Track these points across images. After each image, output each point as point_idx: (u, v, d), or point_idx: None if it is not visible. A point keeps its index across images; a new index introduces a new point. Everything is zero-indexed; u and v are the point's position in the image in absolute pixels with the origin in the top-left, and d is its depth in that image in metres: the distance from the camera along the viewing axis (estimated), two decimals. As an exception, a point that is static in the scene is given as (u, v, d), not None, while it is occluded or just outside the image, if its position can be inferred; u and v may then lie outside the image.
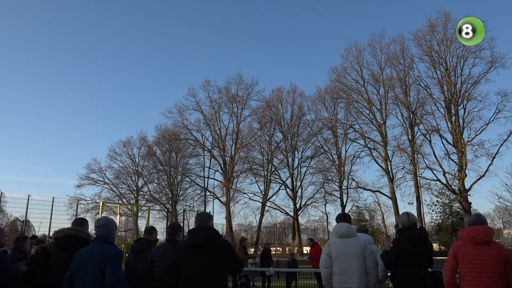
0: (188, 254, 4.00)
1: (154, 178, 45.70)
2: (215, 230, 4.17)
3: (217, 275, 3.88)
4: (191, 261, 3.94)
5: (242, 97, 44.54)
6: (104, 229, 4.12)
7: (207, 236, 3.99)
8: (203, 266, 3.87)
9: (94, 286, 3.79)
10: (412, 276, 4.66)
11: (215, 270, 3.87)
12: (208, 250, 3.92)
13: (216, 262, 3.89)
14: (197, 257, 3.91)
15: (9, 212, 30.23)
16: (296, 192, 42.10)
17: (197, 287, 3.83)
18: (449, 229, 35.48)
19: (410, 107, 36.05)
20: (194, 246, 3.97)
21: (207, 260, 3.88)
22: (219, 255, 3.93)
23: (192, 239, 4.03)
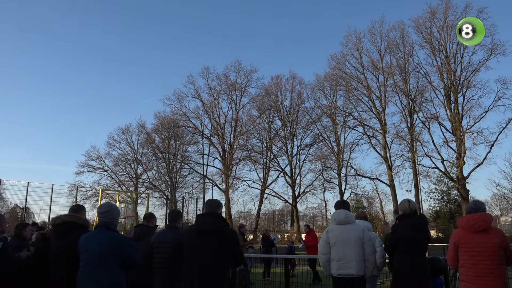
0: (194, 240, 4.00)
1: (153, 165, 45.82)
2: (223, 218, 4.16)
3: (221, 262, 3.89)
4: (196, 247, 3.94)
5: (241, 84, 44.44)
6: (107, 215, 4.08)
7: (215, 224, 3.99)
8: (208, 252, 3.88)
9: (98, 273, 3.79)
10: (411, 262, 4.70)
11: (219, 258, 3.88)
12: (214, 237, 3.93)
13: (221, 250, 3.90)
14: (203, 243, 3.92)
15: (8, 199, 30.36)
16: (295, 180, 42.24)
17: (200, 273, 3.84)
18: (447, 216, 35.68)
19: (409, 94, 35.97)
20: (201, 232, 3.97)
21: (212, 247, 3.89)
22: (225, 243, 3.94)
23: (199, 225, 4.03)
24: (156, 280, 4.58)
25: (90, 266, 3.84)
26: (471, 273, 3.96)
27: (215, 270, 3.85)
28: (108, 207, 4.17)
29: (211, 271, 3.83)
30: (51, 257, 4.56)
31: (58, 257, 4.42)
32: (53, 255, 4.52)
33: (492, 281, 3.84)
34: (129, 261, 3.91)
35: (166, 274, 4.53)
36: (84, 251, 3.93)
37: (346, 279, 5.00)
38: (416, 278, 4.64)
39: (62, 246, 4.41)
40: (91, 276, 3.81)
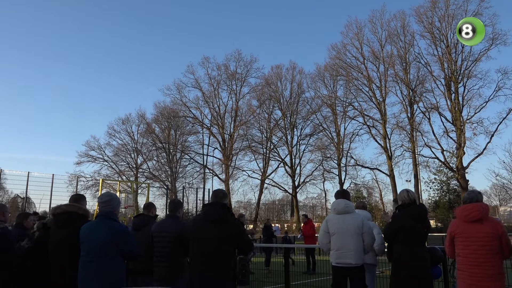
0: (200, 229, 4.03)
1: (153, 155, 45.87)
2: (229, 208, 4.18)
3: (225, 252, 3.91)
4: (201, 236, 3.97)
5: (241, 74, 44.24)
6: (108, 205, 4.09)
7: (221, 213, 4.01)
8: (213, 242, 3.90)
9: (100, 262, 3.81)
10: (411, 252, 4.73)
11: (224, 247, 3.91)
12: (219, 227, 3.96)
13: (226, 240, 3.93)
14: (209, 232, 3.94)
15: (9, 189, 30.44)
16: (294, 170, 42.30)
17: (205, 262, 3.87)
18: (446, 206, 35.80)
19: (409, 84, 35.86)
20: (207, 222, 4.00)
21: (218, 237, 3.91)
22: (230, 233, 3.96)
23: (206, 214, 4.05)
24: (157, 269, 4.61)
25: (91, 256, 3.86)
26: (466, 262, 4.00)
27: (220, 259, 3.87)
28: (109, 197, 4.18)
29: (216, 261, 3.86)
30: (51, 246, 4.58)
31: (58, 247, 4.45)
32: (53, 245, 4.55)
33: (487, 270, 3.88)
34: (129, 251, 3.93)
35: (166, 263, 4.56)
36: (85, 241, 3.94)
37: (345, 268, 5.05)
38: (416, 267, 4.67)
39: (62, 235, 4.43)
40: (92, 265, 3.83)
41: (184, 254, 4.60)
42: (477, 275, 3.90)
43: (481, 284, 3.88)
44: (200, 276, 3.85)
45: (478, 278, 3.90)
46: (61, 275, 4.35)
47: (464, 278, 4.00)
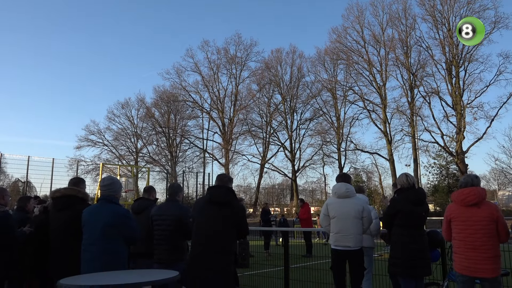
0: (204, 210, 4.06)
1: (153, 139, 45.89)
2: (234, 192, 4.23)
3: (228, 234, 3.96)
4: (205, 217, 4.01)
5: (241, 58, 43.99)
6: (109, 188, 4.10)
7: (226, 195, 4.07)
8: (217, 223, 3.94)
9: (102, 247, 3.83)
10: (410, 235, 4.77)
11: (226, 229, 3.95)
12: (224, 209, 4.00)
13: (229, 222, 3.97)
14: (213, 214, 3.99)
15: (9, 173, 30.54)
16: (294, 154, 42.39)
17: (207, 243, 3.91)
18: (445, 190, 35.98)
19: (410, 68, 35.67)
20: (212, 204, 4.04)
21: (222, 219, 3.95)
22: (233, 216, 4.00)
23: (211, 195, 4.09)
24: (157, 251, 4.66)
25: (93, 239, 3.88)
26: (462, 246, 4.05)
27: (222, 240, 3.92)
28: (110, 180, 4.19)
29: (218, 242, 3.90)
30: (52, 229, 4.62)
31: (58, 230, 4.48)
32: (54, 228, 4.58)
33: (483, 253, 3.92)
34: (130, 234, 3.96)
35: (166, 246, 4.60)
36: (87, 224, 3.96)
37: (343, 251, 5.10)
38: (415, 250, 4.71)
39: (62, 219, 4.46)
40: (94, 249, 3.85)
41: (184, 237, 4.64)
42: (473, 258, 3.95)
43: (477, 267, 3.93)
44: (202, 255, 3.88)
45: (474, 260, 3.94)
46: (61, 258, 4.39)
47: (460, 261, 4.05)
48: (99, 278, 3.34)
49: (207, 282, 3.83)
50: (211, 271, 3.84)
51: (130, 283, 3.27)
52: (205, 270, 3.85)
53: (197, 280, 3.87)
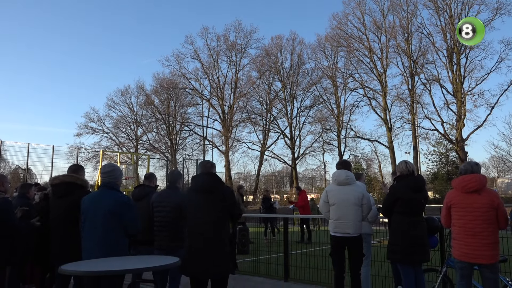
0: (191, 199, 4.08)
1: (153, 127, 45.88)
2: (218, 177, 4.22)
3: (219, 219, 3.96)
4: (194, 206, 4.01)
5: (241, 45, 43.71)
6: (110, 175, 4.09)
7: (210, 182, 4.06)
8: (205, 210, 3.95)
9: (103, 234, 3.84)
10: (409, 222, 4.80)
11: (217, 215, 3.95)
12: (210, 195, 4.00)
13: (218, 207, 3.97)
14: (200, 201, 3.99)
15: (10, 161, 30.58)
16: (294, 141, 42.40)
17: (200, 231, 3.92)
18: (444, 177, 36.10)
19: (411, 55, 35.48)
20: (197, 191, 4.04)
21: (209, 205, 3.95)
22: (221, 200, 4.00)
23: (195, 183, 4.09)
24: (157, 238, 4.68)
25: (94, 226, 3.88)
26: (462, 232, 4.07)
27: (214, 227, 3.92)
28: (111, 167, 4.19)
29: (210, 228, 3.90)
30: (52, 216, 4.64)
31: (58, 217, 4.51)
32: (53, 215, 4.61)
33: (482, 240, 3.95)
34: (130, 224, 3.91)
35: (167, 233, 4.63)
36: (88, 211, 3.96)
37: (342, 238, 5.14)
38: (414, 237, 4.75)
39: (62, 206, 4.48)
40: (96, 235, 3.85)
41: (184, 224, 4.65)
42: (472, 245, 3.98)
43: (476, 253, 3.96)
44: (197, 244, 3.90)
45: (473, 247, 3.97)
46: (62, 244, 4.42)
47: (459, 247, 4.08)
48: (100, 264, 3.37)
49: (205, 269, 3.85)
50: (208, 258, 3.84)
51: (132, 268, 3.31)
52: (202, 257, 3.86)
53: (195, 268, 3.88)
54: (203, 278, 3.97)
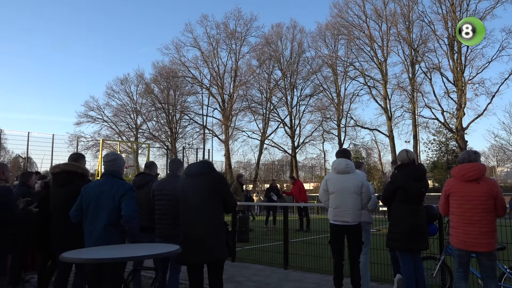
0: (184, 185, 4.10)
1: (152, 116, 45.81)
2: (210, 163, 4.28)
3: (212, 204, 3.96)
4: (186, 191, 4.04)
5: (241, 33, 43.40)
6: (113, 164, 4.12)
7: (202, 167, 4.11)
8: (198, 194, 3.96)
9: (107, 221, 3.86)
10: (409, 210, 4.84)
11: (210, 199, 3.95)
12: (201, 179, 4.01)
13: (210, 191, 3.97)
14: (192, 186, 4.02)
15: (10, 149, 30.60)
16: (294, 130, 42.36)
17: (194, 214, 3.92)
18: (444, 166, 36.13)
19: (412, 44, 35.26)
20: (189, 176, 4.09)
21: (201, 189, 3.97)
22: (213, 184, 4.01)
23: (188, 170, 4.16)
24: (158, 226, 4.71)
25: (96, 214, 3.90)
26: (460, 221, 4.10)
27: (208, 209, 3.93)
28: (115, 156, 4.22)
29: (204, 211, 3.91)
30: (52, 204, 4.66)
31: (59, 205, 4.52)
32: (54, 203, 4.63)
33: (480, 228, 3.98)
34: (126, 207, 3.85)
35: (168, 220, 4.65)
36: (90, 199, 3.97)
37: (342, 226, 5.17)
38: (414, 225, 4.79)
39: (62, 194, 4.50)
40: (98, 223, 3.87)
41: None
42: (470, 233, 4.01)
43: (474, 241, 3.99)
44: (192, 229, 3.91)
45: (471, 235, 4.00)
46: (62, 232, 4.45)
47: (457, 235, 4.11)
48: (102, 252, 3.39)
49: (198, 254, 3.86)
50: (201, 242, 3.85)
51: (133, 256, 3.34)
52: (195, 242, 3.86)
53: (190, 256, 3.89)
54: (198, 263, 3.98)
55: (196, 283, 4.01)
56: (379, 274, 6.42)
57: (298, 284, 6.27)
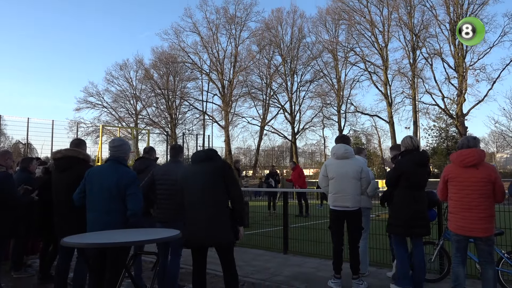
0: (188, 171, 4.10)
1: (152, 101, 45.69)
2: (215, 151, 4.27)
3: (216, 189, 3.95)
4: (191, 175, 4.03)
5: (241, 18, 43.05)
6: (119, 150, 4.09)
7: (207, 153, 4.12)
8: (201, 179, 3.96)
9: (109, 206, 3.86)
10: (413, 196, 4.87)
11: (213, 184, 3.95)
12: (206, 165, 4.02)
13: (214, 177, 3.97)
14: (196, 171, 4.02)
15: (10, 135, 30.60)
16: (294, 116, 42.31)
17: (198, 198, 3.93)
18: (444, 152, 36.19)
19: (413, 29, 34.99)
20: (194, 162, 4.09)
21: (207, 172, 3.97)
22: (217, 170, 4.00)
23: (194, 156, 4.15)
24: (159, 211, 4.73)
25: (99, 199, 3.90)
26: (458, 206, 4.12)
27: (212, 193, 3.93)
28: (121, 142, 4.19)
29: (208, 199, 3.91)
30: (54, 190, 4.67)
31: (61, 191, 4.54)
32: (56, 189, 4.64)
33: (478, 213, 4.00)
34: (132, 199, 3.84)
35: (169, 205, 4.67)
36: (92, 184, 3.97)
37: (341, 211, 5.20)
38: (416, 211, 4.83)
39: (64, 179, 4.51)
40: (100, 208, 3.88)
41: None
42: (468, 218, 4.03)
43: (471, 226, 4.02)
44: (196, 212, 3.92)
45: (469, 220, 4.02)
46: (65, 217, 4.47)
47: (455, 220, 4.13)
48: (103, 237, 3.41)
49: (204, 237, 3.87)
50: (205, 226, 3.86)
51: (134, 241, 3.36)
52: (201, 226, 3.87)
53: (196, 238, 3.91)
54: (202, 246, 4.01)
55: (199, 266, 4.05)
56: (378, 259, 6.48)
57: (298, 269, 6.33)
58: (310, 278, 5.76)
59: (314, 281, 5.59)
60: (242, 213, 4.03)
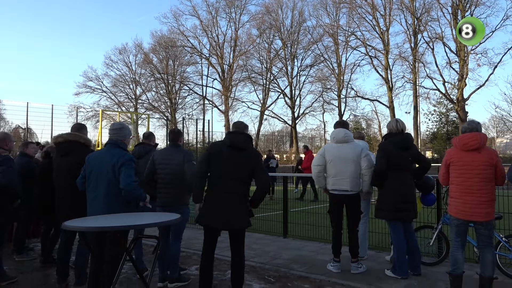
0: (224, 153, 4.05)
1: (152, 86, 45.47)
2: (252, 138, 4.26)
3: (244, 178, 3.98)
4: (225, 160, 4.01)
5: (241, 1, 42.54)
6: (118, 133, 4.13)
7: (245, 141, 4.10)
8: (235, 166, 3.97)
9: (107, 190, 3.89)
10: (399, 178, 4.95)
11: (243, 174, 3.97)
12: (242, 153, 4.02)
13: (246, 167, 3.99)
14: (232, 157, 4.00)
15: (9, 120, 30.58)
16: (294, 101, 42.17)
17: (224, 184, 3.94)
18: (444, 137, 36.20)
19: (415, 13, 34.61)
20: (232, 148, 4.06)
21: (240, 163, 3.98)
22: (251, 160, 4.02)
23: (231, 140, 4.09)
24: (160, 195, 4.74)
25: (99, 183, 3.93)
26: (459, 190, 4.12)
27: (239, 184, 3.95)
28: (121, 125, 4.21)
29: (235, 185, 3.94)
30: (55, 174, 4.69)
31: (62, 175, 4.56)
32: (57, 173, 4.66)
33: (479, 197, 4.01)
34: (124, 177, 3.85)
35: (170, 189, 4.68)
36: (93, 168, 3.99)
37: (340, 195, 5.22)
38: (400, 194, 4.94)
39: (65, 163, 4.53)
40: (100, 190, 3.91)
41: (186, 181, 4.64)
42: (469, 202, 4.04)
43: (472, 211, 4.03)
44: (220, 194, 3.93)
45: (470, 205, 4.03)
46: (65, 201, 4.50)
47: (456, 205, 4.14)
48: (104, 220, 3.43)
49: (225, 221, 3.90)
50: (228, 211, 3.88)
51: (135, 224, 3.38)
52: (224, 210, 3.89)
53: (216, 219, 3.92)
54: (223, 229, 4.04)
55: (210, 247, 4.09)
56: (377, 243, 6.54)
57: (297, 252, 6.39)
58: (310, 262, 5.81)
59: (313, 265, 5.65)
60: (261, 201, 4.12)
